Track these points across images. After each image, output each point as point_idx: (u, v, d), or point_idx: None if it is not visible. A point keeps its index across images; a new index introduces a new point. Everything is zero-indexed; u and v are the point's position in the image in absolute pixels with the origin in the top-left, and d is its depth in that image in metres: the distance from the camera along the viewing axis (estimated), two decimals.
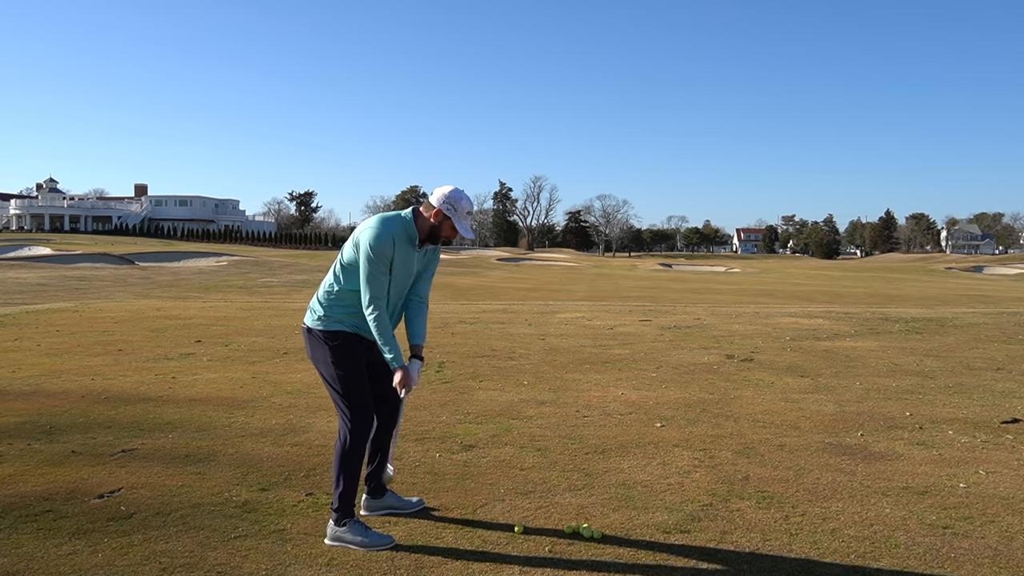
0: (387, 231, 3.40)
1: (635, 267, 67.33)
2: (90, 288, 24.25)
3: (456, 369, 7.85)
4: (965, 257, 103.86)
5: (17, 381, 7.05)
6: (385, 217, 3.48)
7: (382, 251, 3.37)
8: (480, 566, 3.22)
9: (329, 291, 3.52)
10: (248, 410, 5.95)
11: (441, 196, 3.46)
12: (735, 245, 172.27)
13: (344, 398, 3.48)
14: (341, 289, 3.49)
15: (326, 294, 3.53)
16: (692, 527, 3.67)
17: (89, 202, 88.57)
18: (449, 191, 3.47)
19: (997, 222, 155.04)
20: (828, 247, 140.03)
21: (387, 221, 3.45)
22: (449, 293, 24.32)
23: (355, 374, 3.50)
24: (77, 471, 4.40)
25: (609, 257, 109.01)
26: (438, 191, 3.49)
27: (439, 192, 3.48)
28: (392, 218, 3.48)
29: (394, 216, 3.49)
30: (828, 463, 4.68)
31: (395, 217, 3.49)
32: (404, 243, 3.46)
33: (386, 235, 3.39)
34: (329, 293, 3.52)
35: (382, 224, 3.42)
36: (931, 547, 3.46)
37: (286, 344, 9.63)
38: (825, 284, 39.38)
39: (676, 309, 16.06)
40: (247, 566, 3.20)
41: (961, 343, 10.12)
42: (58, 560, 3.24)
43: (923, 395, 6.73)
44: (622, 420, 5.75)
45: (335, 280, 3.52)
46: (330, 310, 3.50)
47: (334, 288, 3.51)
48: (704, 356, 8.89)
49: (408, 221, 3.48)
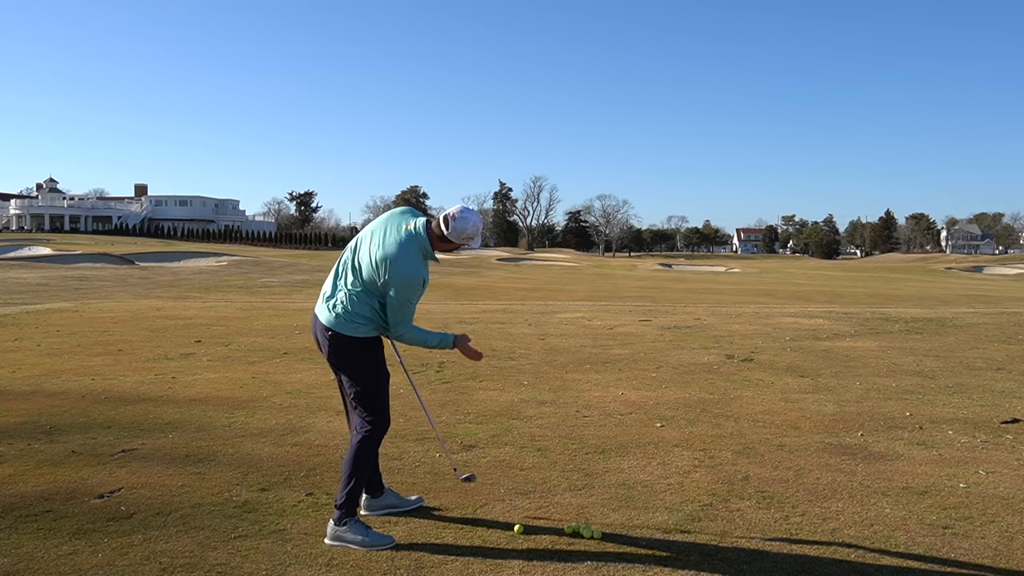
0: (419, 262, 3.43)
1: (635, 267, 67.33)
2: (90, 288, 24.24)
3: (456, 369, 7.85)
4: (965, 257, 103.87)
5: (17, 381, 7.05)
6: (410, 246, 3.43)
7: (418, 285, 3.43)
8: (480, 566, 3.22)
9: (352, 294, 3.49)
10: (248, 410, 5.95)
11: (452, 224, 3.44)
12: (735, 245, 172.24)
13: (369, 400, 3.51)
14: (364, 292, 3.48)
15: (348, 296, 3.49)
16: (692, 527, 3.67)
17: (89, 202, 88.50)
18: (459, 219, 3.44)
19: (997, 222, 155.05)
20: (828, 247, 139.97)
21: (414, 252, 3.43)
22: (449, 293, 24.32)
23: (380, 376, 3.57)
24: (77, 471, 4.41)
25: (609, 257, 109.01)
26: (449, 215, 3.46)
27: (450, 218, 3.45)
28: (414, 240, 3.44)
29: (412, 241, 3.44)
30: (828, 463, 4.69)
31: (415, 239, 3.45)
32: (425, 264, 3.50)
33: (420, 267, 3.43)
34: (351, 295, 3.49)
35: (413, 258, 3.42)
36: (931, 547, 3.46)
37: (286, 344, 9.63)
38: (825, 284, 39.38)
39: (676, 309, 16.06)
40: (247, 566, 3.20)
41: (961, 343, 10.12)
42: (58, 560, 3.24)
43: (923, 395, 6.73)
44: (622, 420, 5.75)
45: (359, 284, 3.48)
46: (356, 313, 3.48)
47: (358, 291, 3.48)
48: (704, 356, 8.90)
49: (425, 241, 3.46)
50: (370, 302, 3.48)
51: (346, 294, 3.51)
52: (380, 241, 3.46)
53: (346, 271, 3.55)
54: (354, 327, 3.49)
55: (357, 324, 3.48)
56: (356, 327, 3.49)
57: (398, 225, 3.50)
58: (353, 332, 3.49)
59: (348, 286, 3.51)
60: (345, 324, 3.49)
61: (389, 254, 3.41)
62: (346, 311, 3.49)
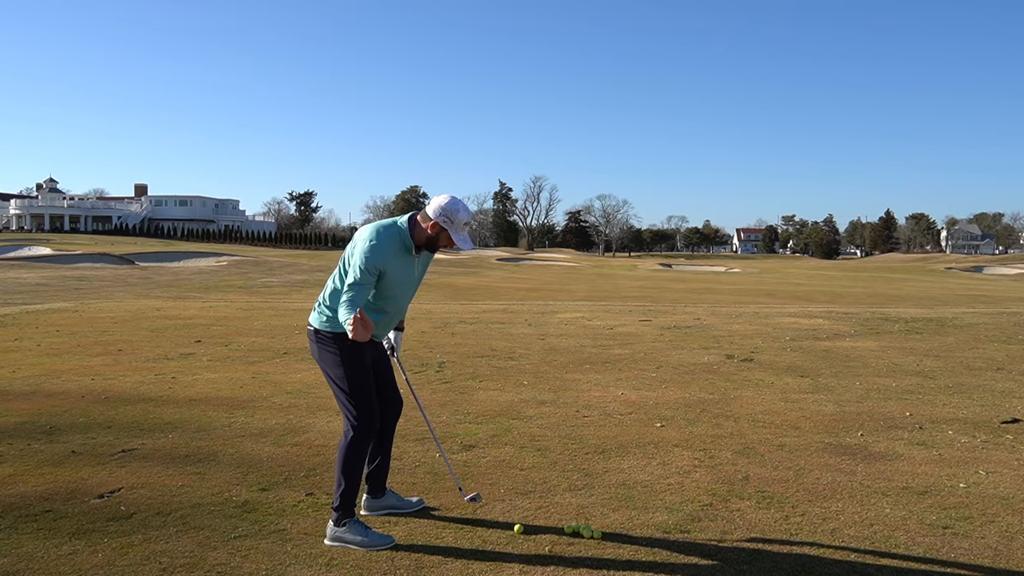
0: (381, 244, 3.38)
1: (635, 267, 67.32)
2: (90, 288, 24.24)
3: (456, 369, 7.85)
4: (965, 257, 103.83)
5: (17, 381, 7.05)
6: (381, 227, 3.45)
7: (373, 264, 3.35)
8: (480, 566, 3.22)
9: (335, 293, 3.50)
10: (248, 410, 5.95)
11: (438, 208, 3.43)
12: (735, 245, 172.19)
13: (351, 398, 3.49)
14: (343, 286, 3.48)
15: (332, 296, 3.51)
16: (692, 527, 3.67)
17: (89, 202, 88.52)
18: (446, 203, 3.43)
19: (997, 222, 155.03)
20: (828, 247, 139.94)
21: (383, 233, 3.42)
22: (449, 293, 24.32)
23: (362, 375, 3.52)
24: (77, 471, 4.40)
25: (609, 257, 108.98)
26: (435, 202, 3.46)
27: (436, 203, 3.45)
28: (389, 228, 3.45)
29: (390, 225, 3.47)
30: (828, 463, 4.69)
31: (391, 227, 3.46)
32: (401, 253, 3.46)
33: (379, 248, 3.37)
34: (335, 295, 3.50)
35: (377, 236, 3.40)
36: (931, 547, 3.46)
37: (286, 344, 9.63)
38: (825, 284, 39.38)
39: (676, 309, 16.06)
40: (247, 566, 3.20)
41: (961, 343, 10.12)
42: (58, 560, 3.24)
43: (923, 395, 6.73)
44: (622, 420, 5.75)
45: (339, 280, 3.50)
46: (333, 307, 3.49)
47: (340, 289, 3.49)
48: (704, 356, 8.89)
49: (404, 231, 3.46)
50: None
51: (330, 294, 3.53)
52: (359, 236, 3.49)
53: (336, 271, 3.57)
54: (332, 322, 3.48)
55: (335, 319, 3.47)
56: (333, 322, 3.47)
57: (378, 227, 3.49)
58: (329, 328, 3.48)
59: (331, 283, 3.54)
60: (322, 320, 3.51)
61: (363, 230, 3.46)
62: (327, 307, 3.51)
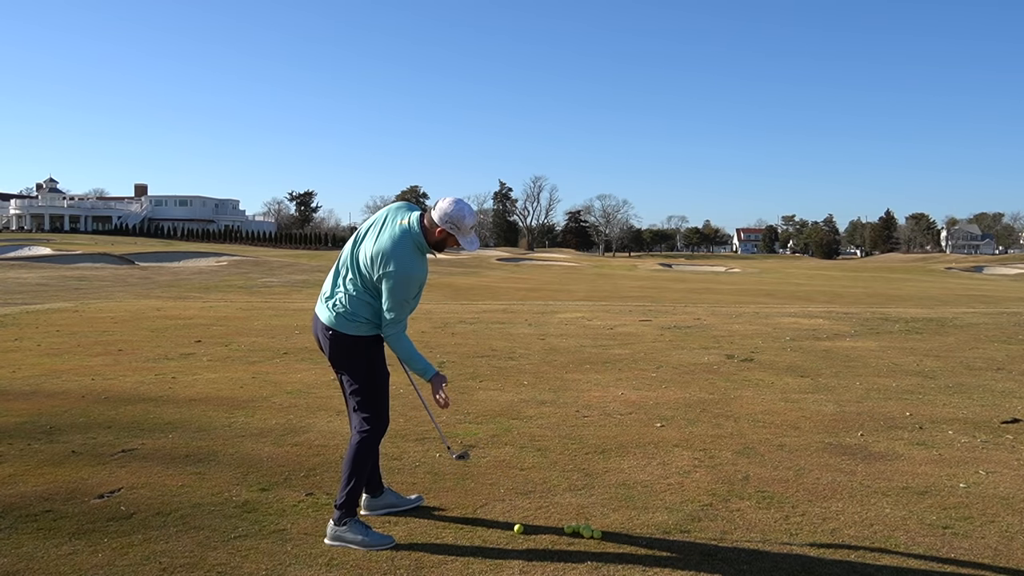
0: (412, 264, 3.39)
1: (635, 267, 67.33)
2: (90, 288, 24.24)
3: (456, 369, 7.85)
4: (965, 257, 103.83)
5: (17, 381, 7.05)
6: (404, 241, 3.40)
7: (413, 283, 3.40)
8: (480, 566, 3.22)
9: (352, 292, 3.48)
10: (248, 410, 5.95)
11: (443, 215, 3.41)
12: (735, 245, 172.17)
13: (369, 399, 3.51)
14: (364, 290, 3.47)
15: (348, 295, 3.48)
16: (692, 527, 3.67)
17: (89, 202, 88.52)
18: (451, 209, 3.41)
19: (997, 222, 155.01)
20: (828, 247, 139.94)
21: (408, 247, 3.40)
22: (449, 293, 24.32)
23: (380, 375, 3.57)
24: (77, 471, 4.40)
25: (609, 257, 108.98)
26: (440, 206, 3.43)
27: (440, 209, 3.42)
28: (405, 242, 3.41)
29: (405, 236, 3.42)
30: (828, 463, 4.69)
31: (406, 238, 3.42)
32: (421, 259, 3.48)
33: (415, 264, 3.40)
34: (351, 295, 3.48)
35: (408, 254, 3.39)
36: (931, 547, 3.46)
37: (286, 344, 9.63)
38: (825, 284, 39.38)
39: (676, 309, 16.06)
40: (247, 566, 3.20)
41: (961, 343, 10.12)
42: (58, 560, 3.24)
43: (923, 395, 6.73)
44: (622, 420, 5.75)
45: (357, 281, 3.47)
46: (355, 313, 3.47)
47: (358, 289, 3.47)
48: (704, 356, 8.89)
49: (418, 235, 3.44)
50: (370, 301, 3.47)
51: (345, 293, 3.50)
52: (375, 237, 3.46)
53: (346, 269, 3.54)
54: (355, 326, 3.48)
55: (358, 323, 3.48)
56: (357, 326, 3.48)
57: (394, 220, 3.49)
58: (354, 331, 3.48)
59: (347, 284, 3.50)
60: (345, 323, 3.48)
61: (384, 249, 3.39)
62: (346, 310, 3.48)
